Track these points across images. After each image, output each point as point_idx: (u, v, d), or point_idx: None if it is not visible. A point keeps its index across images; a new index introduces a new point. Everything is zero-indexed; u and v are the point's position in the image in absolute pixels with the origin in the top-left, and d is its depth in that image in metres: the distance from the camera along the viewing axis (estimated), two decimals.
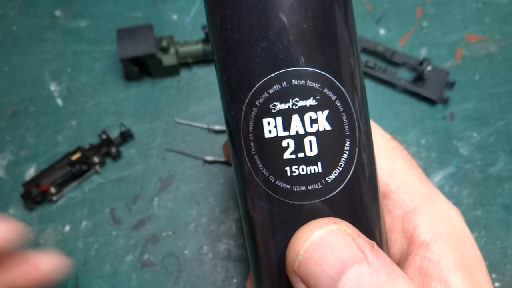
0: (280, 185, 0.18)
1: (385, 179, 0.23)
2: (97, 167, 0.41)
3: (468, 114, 0.43)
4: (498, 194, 0.40)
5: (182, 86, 0.45)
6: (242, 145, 0.18)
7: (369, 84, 0.45)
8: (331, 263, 0.16)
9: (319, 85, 0.17)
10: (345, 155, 0.18)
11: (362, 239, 0.16)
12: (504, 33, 0.46)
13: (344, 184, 0.18)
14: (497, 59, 0.45)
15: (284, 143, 0.17)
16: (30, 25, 0.49)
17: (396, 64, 0.45)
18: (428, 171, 0.41)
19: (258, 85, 0.17)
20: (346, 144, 0.18)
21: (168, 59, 0.44)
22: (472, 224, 0.39)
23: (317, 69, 0.17)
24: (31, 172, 0.42)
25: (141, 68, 0.44)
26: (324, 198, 0.18)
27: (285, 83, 0.17)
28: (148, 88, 0.45)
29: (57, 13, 0.50)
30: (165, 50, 0.43)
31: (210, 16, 0.19)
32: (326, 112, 0.17)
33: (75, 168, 0.40)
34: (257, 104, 0.17)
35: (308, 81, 0.17)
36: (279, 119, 0.17)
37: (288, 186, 0.17)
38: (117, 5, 0.50)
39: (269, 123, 0.17)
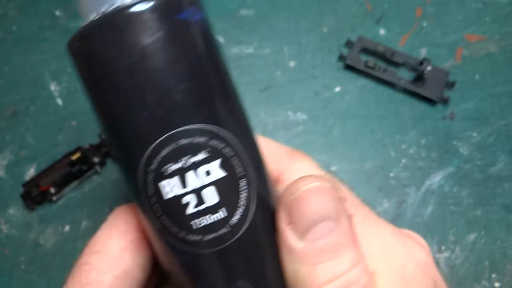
0: (191, 239, 0.18)
1: None
2: (97, 167, 0.41)
3: (468, 114, 0.43)
4: (498, 194, 0.40)
5: None
6: (147, 209, 0.19)
7: (369, 84, 0.45)
8: (320, 208, 0.18)
9: (206, 138, 0.18)
10: (244, 194, 0.19)
11: (344, 207, 0.19)
12: (504, 33, 0.46)
13: (249, 220, 0.19)
14: (497, 59, 0.45)
15: (185, 200, 0.18)
16: (30, 25, 0.49)
17: (396, 64, 0.45)
18: (428, 171, 0.41)
19: (148, 152, 0.18)
20: (243, 184, 0.19)
21: None
22: (472, 224, 0.39)
23: (200, 125, 0.18)
24: (31, 172, 0.42)
25: None
26: (234, 238, 0.18)
27: (173, 145, 0.17)
28: None
29: (57, 13, 0.50)
30: None
31: (86, 91, 0.19)
32: (218, 161, 0.18)
33: (75, 168, 0.40)
34: (151, 169, 0.18)
35: (194, 138, 0.18)
36: (175, 179, 0.18)
37: (199, 238, 0.18)
38: None
39: (166, 185, 0.18)
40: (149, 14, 0.17)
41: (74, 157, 0.40)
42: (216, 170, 0.18)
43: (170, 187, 0.18)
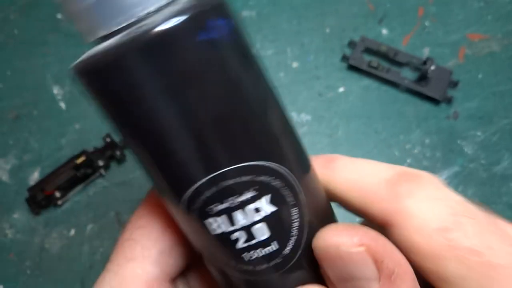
0: (243, 268, 0.17)
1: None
2: (102, 171, 0.41)
3: (472, 113, 0.43)
4: (503, 193, 0.40)
5: None
6: (194, 240, 0.18)
7: (372, 84, 0.45)
8: (348, 270, 0.16)
9: (252, 175, 0.16)
10: (296, 223, 0.17)
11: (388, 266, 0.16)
12: (506, 32, 0.47)
13: (302, 247, 0.18)
14: (500, 57, 0.45)
15: (234, 236, 0.17)
16: (32, 28, 0.49)
17: (400, 64, 0.45)
18: (433, 170, 0.41)
19: (188, 193, 0.16)
20: (295, 213, 0.17)
21: None
22: None
23: (245, 163, 0.16)
24: (35, 176, 0.42)
25: None
26: (287, 267, 0.18)
27: (216, 186, 0.16)
28: None
29: (59, 16, 0.49)
30: None
31: (118, 128, 0.16)
32: (267, 196, 0.16)
33: (79, 171, 0.40)
34: (194, 208, 0.16)
35: (240, 177, 0.16)
36: (222, 218, 0.16)
37: (250, 267, 0.17)
38: None
39: (213, 223, 0.17)
40: (164, 43, 0.14)
41: (79, 160, 0.40)
42: (265, 206, 0.17)
43: (217, 225, 0.17)
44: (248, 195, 0.16)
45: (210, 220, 0.16)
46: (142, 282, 0.19)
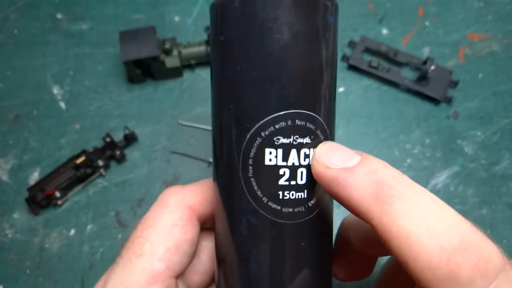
0: (271, 206, 0.20)
1: None
2: (102, 170, 0.41)
3: (472, 113, 0.43)
4: (503, 192, 0.40)
5: (185, 88, 0.45)
6: (238, 166, 0.20)
7: (372, 84, 0.45)
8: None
9: (314, 126, 0.20)
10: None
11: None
12: (506, 32, 0.46)
13: (319, 208, 0.21)
14: (500, 57, 0.45)
15: (281, 171, 0.20)
16: (31, 28, 0.49)
17: (400, 64, 0.45)
18: (433, 170, 0.41)
19: (266, 119, 0.20)
20: None
21: (171, 61, 0.43)
22: (477, 223, 0.38)
23: (315, 114, 0.20)
24: (35, 176, 0.42)
25: (144, 70, 0.44)
26: (305, 219, 0.21)
27: (290, 121, 0.20)
28: (151, 90, 0.45)
29: (59, 16, 0.49)
30: (168, 52, 0.43)
31: (225, 50, 0.20)
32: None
33: (79, 171, 0.40)
34: (262, 135, 0.20)
35: (307, 123, 0.20)
36: (280, 151, 0.20)
37: (278, 207, 0.20)
38: (119, 7, 0.50)
39: (270, 153, 0.20)
40: (313, 7, 0.20)
41: (79, 160, 0.40)
42: (312, 155, 0.20)
43: (273, 156, 0.20)
44: (306, 139, 0.20)
45: (270, 149, 0.20)
46: (149, 276, 0.21)
